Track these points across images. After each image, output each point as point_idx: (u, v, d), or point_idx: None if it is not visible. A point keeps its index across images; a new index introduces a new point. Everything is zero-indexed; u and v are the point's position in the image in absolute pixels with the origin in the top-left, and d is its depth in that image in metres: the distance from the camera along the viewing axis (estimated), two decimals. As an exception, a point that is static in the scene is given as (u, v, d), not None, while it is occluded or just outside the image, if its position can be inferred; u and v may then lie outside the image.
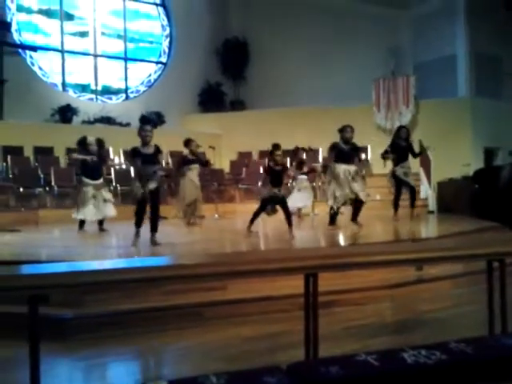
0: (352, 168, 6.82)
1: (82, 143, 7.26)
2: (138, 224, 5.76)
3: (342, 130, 6.94)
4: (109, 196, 7.41)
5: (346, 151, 6.84)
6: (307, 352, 2.76)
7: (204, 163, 8.31)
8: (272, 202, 6.45)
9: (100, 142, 7.42)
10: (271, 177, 6.43)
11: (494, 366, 1.89)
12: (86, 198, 7.10)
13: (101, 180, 7.35)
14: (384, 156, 7.95)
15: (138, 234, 5.77)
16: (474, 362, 1.90)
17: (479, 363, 1.89)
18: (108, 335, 3.51)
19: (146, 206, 5.76)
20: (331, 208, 6.95)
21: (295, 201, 8.65)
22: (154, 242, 5.67)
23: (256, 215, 6.53)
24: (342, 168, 6.75)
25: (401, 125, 9.56)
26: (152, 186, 5.63)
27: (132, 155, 5.83)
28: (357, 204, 6.83)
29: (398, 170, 7.98)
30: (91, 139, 7.27)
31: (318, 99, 13.23)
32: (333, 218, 7.00)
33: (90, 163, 7.19)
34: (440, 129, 11.48)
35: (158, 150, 5.85)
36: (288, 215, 6.39)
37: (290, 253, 3.74)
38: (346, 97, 12.90)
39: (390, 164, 8.10)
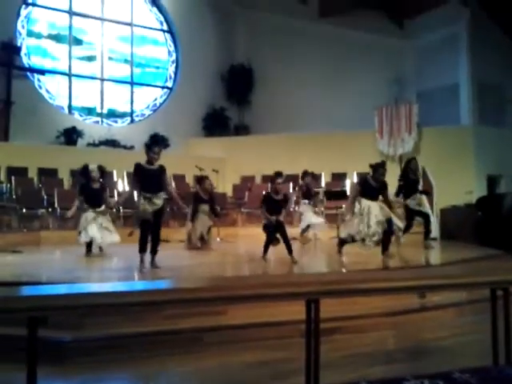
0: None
1: (85, 172, 7.25)
2: (143, 249, 5.58)
3: (375, 168, 6.59)
4: (110, 225, 7.27)
5: (375, 187, 6.56)
6: (308, 380, 2.72)
7: (215, 212, 8.28)
8: (273, 229, 6.39)
9: (102, 169, 7.33)
10: (268, 205, 6.39)
11: (498, 398, 1.85)
12: (88, 221, 7.08)
13: (102, 207, 7.29)
14: (398, 195, 7.87)
15: (143, 260, 5.60)
16: (478, 392, 1.86)
17: (483, 394, 1.86)
18: (107, 359, 3.46)
19: (149, 228, 5.56)
20: (345, 240, 6.81)
21: (310, 218, 8.68)
22: (154, 265, 5.61)
23: (267, 244, 6.45)
24: (367, 203, 6.49)
25: (412, 157, 9.39)
26: (157, 205, 5.52)
27: (134, 170, 5.72)
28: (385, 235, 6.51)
29: (411, 202, 7.80)
30: (93, 167, 7.25)
31: (321, 125, 13.36)
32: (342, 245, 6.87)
33: (92, 191, 7.20)
34: (443, 156, 11.53)
35: (162, 169, 5.74)
36: (287, 241, 6.32)
37: (291, 278, 3.72)
38: (348, 123, 13.03)
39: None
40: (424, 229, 8.10)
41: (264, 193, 6.70)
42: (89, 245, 7.17)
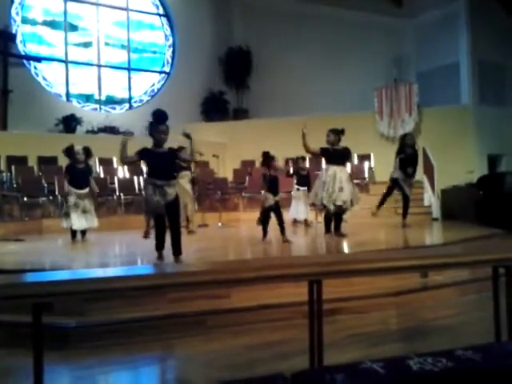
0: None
1: (69, 152, 7.23)
2: (160, 246, 4.88)
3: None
4: (90, 207, 7.28)
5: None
6: (312, 360, 2.74)
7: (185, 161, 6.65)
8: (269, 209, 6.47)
9: (87, 151, 7.28)
10: (270, 184, 6.48)
11: (502, 374, 1.86)
12: (69, 208, 7.10)
13: (86, 190, 7.29)
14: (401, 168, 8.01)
15: (161, 257, 4.92)
16: (482, 369, 1.87)
17: (487, 371, 1.86)
18: (111, 344, 3.49)
19: (165, 221, 4.81)
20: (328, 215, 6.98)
21: (296, 211, 8.74)
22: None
23: (264, 224, 6.59)
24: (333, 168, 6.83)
25: (406, 132, 9.53)
26: (170, 195, 4.71)
27: (138, 153, 4.84)
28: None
29: (400, 175, 7.91)
30: (78, 148, 7.23)
31: (321, 107, 13.27)
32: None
33: (77, 172, 7.19)
34: (443, 136, 11.49)
35: (173, 152, 4.94)
36: (280, 221, 6.41)
37: (293, 259, 3.72)
38: (348, 105, 12.94)
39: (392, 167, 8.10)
40: (403, 209, 8.17)
41: (263, 172, 6.69)
42: (73, 232, 7.23)
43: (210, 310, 3.94)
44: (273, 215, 6.53)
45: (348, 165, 7.44)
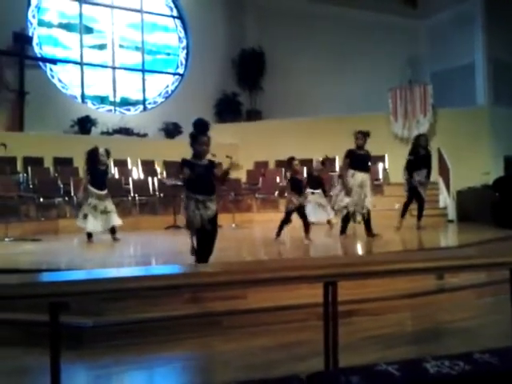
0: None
1: (94, 154, 7.31)
2: (202, 261, 4.50)
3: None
4: (111, 207, 7.37)
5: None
6: (327, 362, 2.73)
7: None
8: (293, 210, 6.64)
9: (108, 153, 7.42)
10: (293, 185, 6.66)
11: (520, 377, 1.84)
12: (87, 209, 7.16)
13: (105, 191, 7.35)
14: (407, 169, 7.96)
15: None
16: (499, 373, 1.85)
17: (504, 374, 1.85)
18: (126, 343, 3.51)
19: (207, 237, 4.57)
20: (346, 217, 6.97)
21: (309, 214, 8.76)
22: None
23: (282, 224, 6.78)
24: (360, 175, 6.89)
25: (420, 133, 9.49)
26: (212, 210, 4.52)
27: (184, 166, 4.52)
28: None
29: (415, 176, 7.88)
30: (102, 150, 7.33)
31: (335, 109, 13.22)
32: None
33: (98, 173, 7.26)
34: (458, 137, 11.37)
35: (213, 165, 4.67)
36: (305, 221, 6.59)
37: (309, 261, 3.72)
38: (362, 106, 12.87)
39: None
40: (417, 211, 8.11)
41: (289, 175, 6.94)
42: (90, 234, 7.31)
43: (226, 310, 3.95)
44: (296, 217, 6.65)
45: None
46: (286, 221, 6.73)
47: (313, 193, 8.74)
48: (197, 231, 4.51)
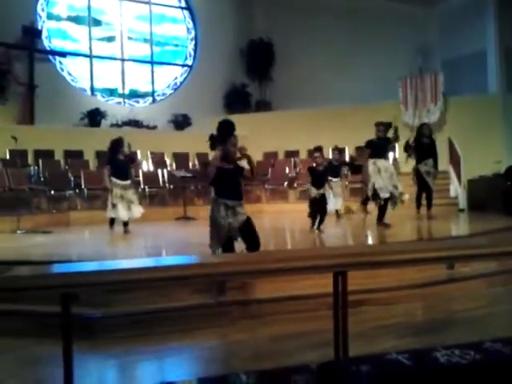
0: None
1: (118, 144, 7.39)
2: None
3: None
4: (134, 198, 7.53)
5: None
6: (337, 351, 2.73)
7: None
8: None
9: (129, 145, 7.65)
10: (313, 177, 6.71)
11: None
12: (115, 198, 7.25)
13: (129, 181, 7.48)
14: (407, 149, 7.95)
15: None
16: (511, 362, 1.83)
17: (516, 363, 1.83)
18: (135, 334, 3.54)
19: (233, 247, 4.28)
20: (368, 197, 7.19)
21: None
22: None
23: (313, 216, 6.78)
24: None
25: (423, 122, 9.46)
26: (242, 216, 4.21)
27: (205, 166, 4.42)
28: None
29: (422, 167, 7.93)
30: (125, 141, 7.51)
31: (344, 99, 13.11)
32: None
33: (119, 164, 7.34)
34: (470, 126, 11.24)
35: (241, 169, 4.41)
36: (322, 215, 6.64)
37: (319, 251, 3.71)
38: (372, 96, 12.76)
39: (412, 161, 8.06)
40: (426, 200, 8.13)
41: (308, 167, 7.01)
42: (112, 220, 7.49)
43: (234, 300, 3.96)
44: None
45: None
46: (315, 211, 6.71)
47: (331, 180, 8.77)
48: (223, 241, 4.18)
